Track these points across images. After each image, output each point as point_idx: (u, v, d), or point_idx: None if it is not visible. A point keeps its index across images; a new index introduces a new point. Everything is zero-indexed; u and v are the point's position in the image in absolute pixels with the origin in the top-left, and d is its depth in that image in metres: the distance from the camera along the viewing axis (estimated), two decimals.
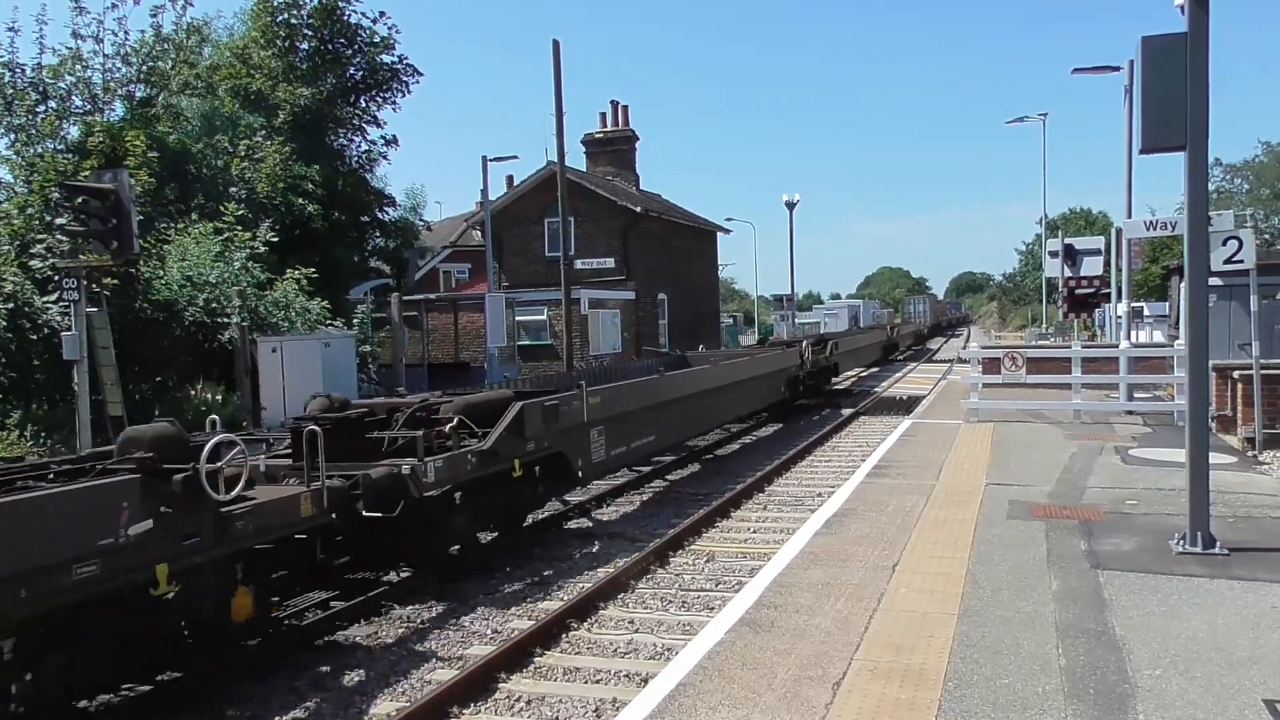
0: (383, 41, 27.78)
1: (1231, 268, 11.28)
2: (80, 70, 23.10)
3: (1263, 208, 55.81)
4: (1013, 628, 5.98)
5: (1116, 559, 7.46)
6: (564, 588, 9.06)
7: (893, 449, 13.62)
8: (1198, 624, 5.97)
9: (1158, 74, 7.34)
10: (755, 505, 12.61)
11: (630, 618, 8.15)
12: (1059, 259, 18.43)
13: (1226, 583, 6.77)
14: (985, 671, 5.32)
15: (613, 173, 38.12)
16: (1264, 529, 8.35)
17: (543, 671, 7.03)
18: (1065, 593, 6.65)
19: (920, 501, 9.84)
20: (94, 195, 14.71)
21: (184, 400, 16.99)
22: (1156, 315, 31.28)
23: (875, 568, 7.45)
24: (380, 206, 28.98)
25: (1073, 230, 51.14)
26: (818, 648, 5.78)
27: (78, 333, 14.62)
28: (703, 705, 5.04)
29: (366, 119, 28.58)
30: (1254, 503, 9.39)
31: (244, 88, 26.11)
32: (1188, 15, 7.26)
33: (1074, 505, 9.46)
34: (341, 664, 7.25)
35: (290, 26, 26.79)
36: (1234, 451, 12.96)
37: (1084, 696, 4.96)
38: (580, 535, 11.15)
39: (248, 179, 24.07)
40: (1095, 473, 11.23)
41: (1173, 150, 7.52)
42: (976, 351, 18.44)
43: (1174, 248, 32.49)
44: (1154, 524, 8.50)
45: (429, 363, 28.34)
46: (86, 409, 14.86)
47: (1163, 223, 15.94)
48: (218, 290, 18.75)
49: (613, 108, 38.79)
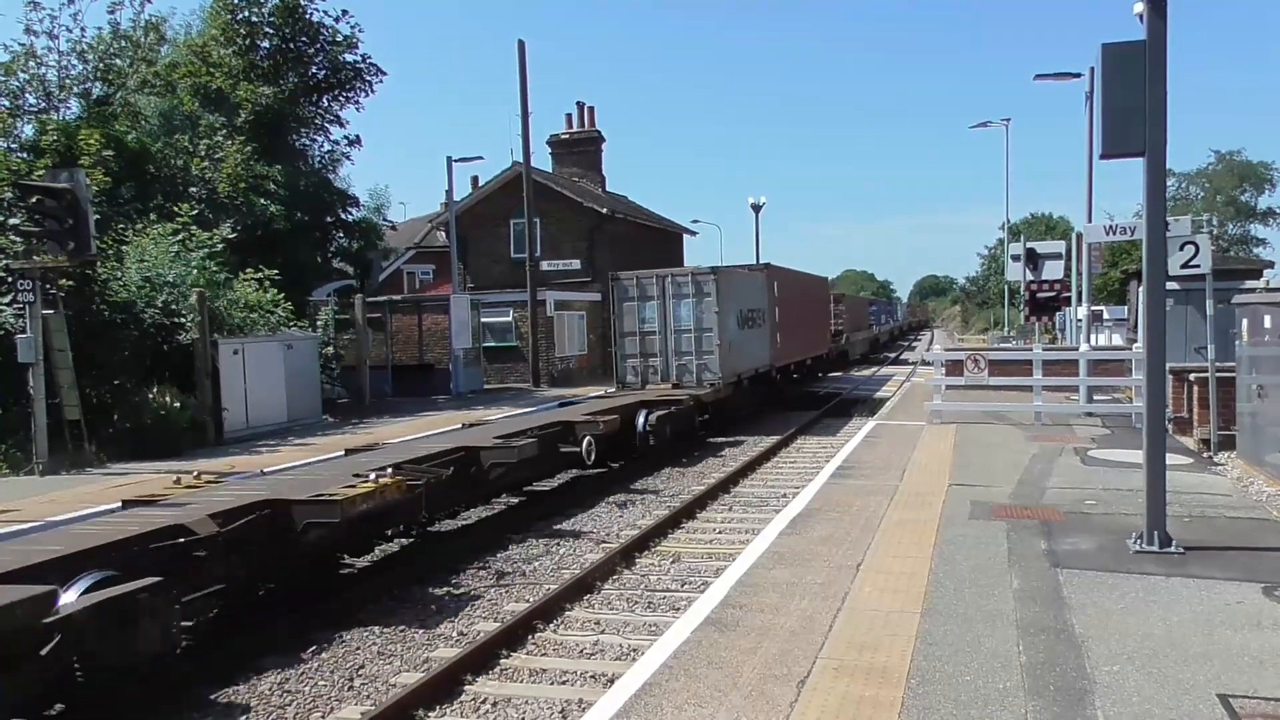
0: (345, 40, 27.48)
1: (1188, 272, 11.49)
2: (34, 67, 22.63)
3: (1218, 214, 57.02)
4: (974, 626, 6.05)
5: (1075, 558, 7.57)
6: (530, 589, 9.03)
7: (857, 450, 13.73)
8: (1154, 621, 6.07)
9: (1117, 81, 7.47)
10: (721, 506, 12.66)
11: (596, 619, 8.15)
12: (1021, 263, 18.71)
13: (1182, 581, 6.90)
14: (947, 669, 5.38)
15: (578, 174, 38.05)
16: (1218, 528, 8.52)
17: (509, 673, 7.00)
18: (1026, 591, 6.74)
19: (884, 502, 9.92)
20: (49, 195, 14.45)
21: (142, 403, 16.70)
22: (1116, 319, 31.76)
23: (840, 567, 7.50)
24: (344, 207, 28.67)
25: (1034, 235, 51.96)
26: (783, 646, 5.81)
27: (33, 335, 14.35)
28: (669, 705, 5.04)
29: (329, 119, 28.25)
30: (1209, 503, 9.58)
31: (204, 86, 25.71)
32: (1146, 24, 7.39)
33: (1034, 506, 9.59)
34: (306, 667, 7.17)
35: (251, 24, 26.43)
36: (1190, 453, 13.21)
37: (1044, 693, 5.02)
38: (547, 536, 11.12)
39: (208, 179, 23.72)
40: (1055, 474, 11.39)
41: (1132, 156, 7.64)
42: (940, 354, 18.65)
43: (1133, 252, 33.04)
44: (1112, 524, 8.64)
45: (393, 365, 28.11)
46: (43, 413, 14.58)
47: (1122, 228, 16.21)
48: (176, 291, 18.46)
49: (579, 109, 38.73)
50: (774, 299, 22.62)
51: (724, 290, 19.32)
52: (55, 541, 7.10)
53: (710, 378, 19.10)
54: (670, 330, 19.31)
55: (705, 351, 19.11)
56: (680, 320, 19.20)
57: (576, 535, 11.24)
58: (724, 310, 19.19)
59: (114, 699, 6.26)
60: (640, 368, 19.49)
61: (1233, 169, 57.85)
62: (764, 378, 22.39)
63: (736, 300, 20.11)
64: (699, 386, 18.77)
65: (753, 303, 21.33)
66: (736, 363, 20.00)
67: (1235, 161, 57.95)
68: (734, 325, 19.87)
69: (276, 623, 7.94)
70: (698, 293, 19.11)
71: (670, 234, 44.24)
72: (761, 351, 22.05)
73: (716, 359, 19.09)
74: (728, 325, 19.38)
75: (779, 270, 24.61)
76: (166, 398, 16.82)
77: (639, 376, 19.47)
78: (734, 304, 19.89)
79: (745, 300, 20.77)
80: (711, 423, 19.04)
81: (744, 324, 20.68)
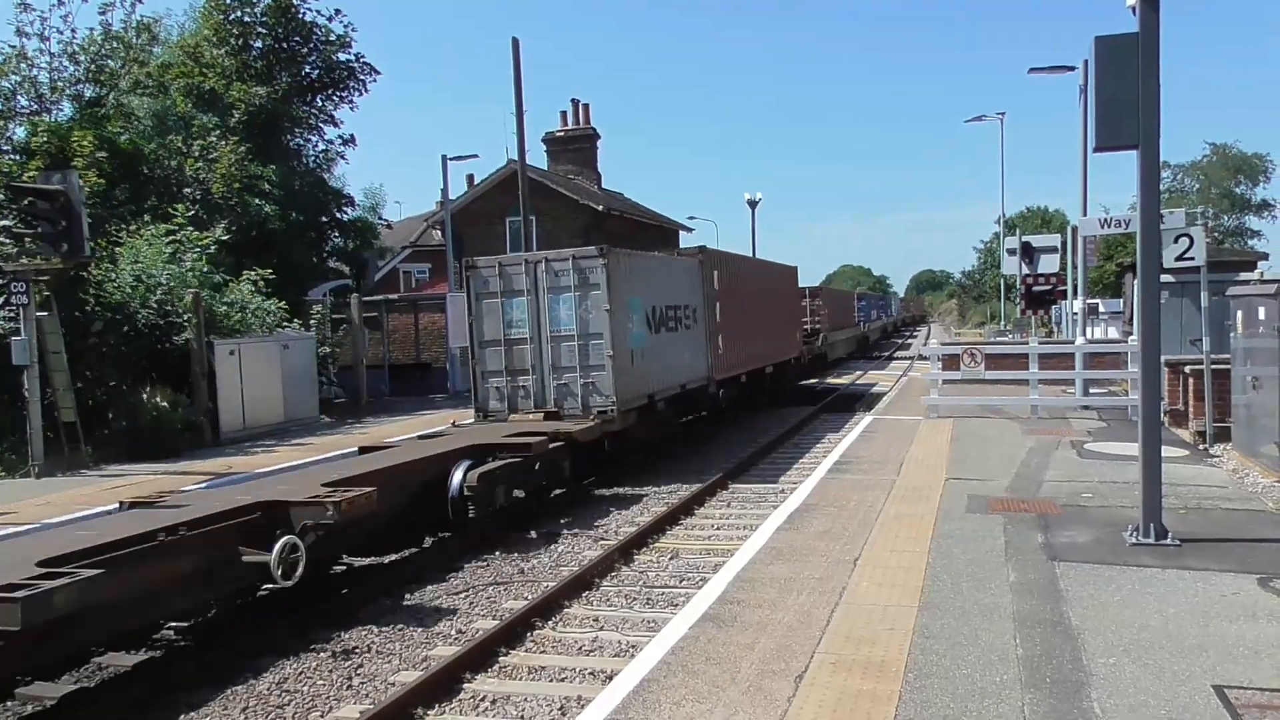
0: (339, 39, 27.46)
1: (1183, 264, 11.50)
2: (26, 69, 22.58)
3: (1212, 206, 57.08)
4: (971, 619, 6.06)
5: (1072, 551, 7.59)
6: (529, 586, 9.03)
7: (854, 445, 13.75)
8: (1150, 613, 6.09)
9: (1111, 73, 7.48)
10: (719, 502, 12.66)
11: (595, 615, 8.14)
12: (1017, 256, 18.74)
13: (1178, 573, 6.92)
14: (944, 662, 5.39)
15: (574, 171, 38.03)
16: (1214, 520, 8.54)
17: (508, 671, 7.00)
18: (1022, 584, 6.76)
19: (881, 496, 9.94)
20: (42, 197, 14.42)
21: (138, 405, 16.68)
22: (1111, 312, 31.82)
23: (837, 562, 7.52)
24: (338, 206, 28.66)
25: (1030, 229, 51.90)
26: (780, 641, 5.82)
27: (27, 337, 14.32)
28: (667, 700, 5.05)
29: (323, 118, 28.25)
30: (1205, 494, 9.60)
31: (197, 87, 25.67)
32: (1139, 16, 7.40)
33: (1031, 499, 9.61)
34: (304, 665, 7.17)
35: (243, 24, 26.39)
36: (1186, 445, 13.23)
37: (1040, 685, 5.03)
38: (545, 534, 11.11)
39: (202, 179, 23.69)
40: (1052, 467, 11.41)
41: (1126, 149, 7.66)
42: (936, 349, 18.68)
43: (1128, 245, 33.11)
44: (1108, 516, 8.65)
45: (389, 364, 28.10)
46: (38, 414, 14.56)
47: (1117, 220, 16.21)
48: (170, 292, 18.43)
49: (574, 106, 38.71)
50: (713, 293, 17.92)
51: (620, 279, 14.06)
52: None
53: (600, 403, 13.85)
54: (545, 337, 14.04)
55: (592, 366, 13.85)
56: (558, 322, 14.00)
57: (575, 533, 11.21)
58: (620, 307, 13.95)
59: (114, 697, 6.25)
60: (507, 389, 14.31)
61: (1227, 161, 57.88)
62: (695, 396, 17.26)
63: (645, 293, 15.01)
64: (585, 415, 13.73)
65: (675, 297, 16.33)
66: (645, 379, 14.81)
67: (1230, 154, 57.99)
68: (639, 328, 14.68)
69: (275, 622, 7.93)
70: (581, 283, 13.85)
71: (667, 230, 44.23)
72: (693, 361, 16.91)
73: (608, 376, 13.76)
74: (626, 328, 14.16)
75: (721, 256, 19.73)
76: (161, 399, 16.81)
77: (505, 401, 14.34)
78: (640, 298, 14.77)
79: (661, 294, 15.70)
80: (604, 463, 14.07)
81: (660, 325, 15.52)
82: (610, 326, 13.73)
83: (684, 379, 16.43)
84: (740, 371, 19.70)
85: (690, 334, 16.88)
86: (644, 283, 15.14)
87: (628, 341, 14.24)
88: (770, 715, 4.82)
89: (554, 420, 13.53)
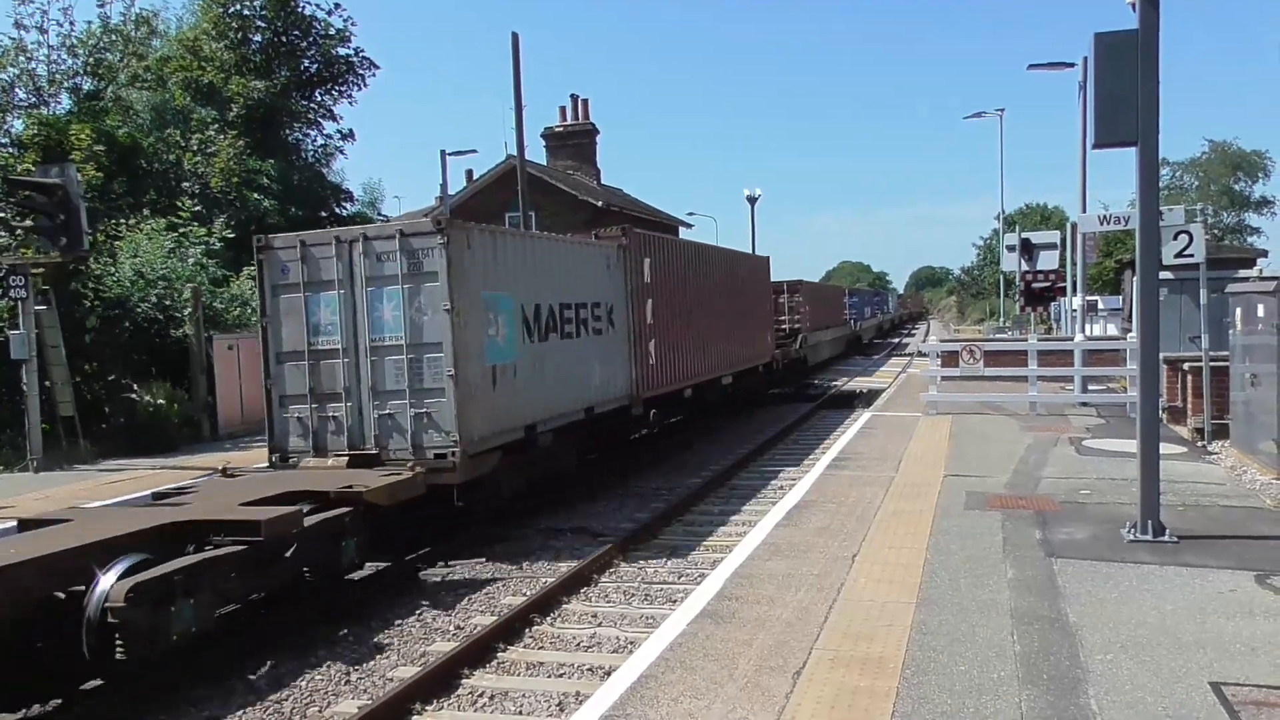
0: (338, 34, 27.46)
1: (1182, 261, 11.49)
2: (24, 62, 22.56)
3: (1212, 204, 57.05)
4: (969, 616, 6.07)
5: (1070, 547, 7.60)
6: (527, 582, 9.04)
7: (853, 441, 13.75)
8: (1147, 610, 6.09)
9: (1110, 70, 7.47)
10: (717, 499, 12.66)
11: (593, 611, 8.16)
12: (1016, 253, 18.71)
13: (1175, 569, 6.92)
14: (942, 659, 5.39)
15: (573, 167, 37.99)
16: (1212, 517, 8.55)
17: (506, 667, 7.01)
18: (1020, 581, 6.76)
19: (880, 493, 9.94)
20: (40, 190, 14.40)
21: (136, 400, 16.67)
22: (1110, 309, 31.86)
23: (835, 558, 7.52)
24: (338, 201, 28.67)
25: (1029, 225, 51.92)
26: (778, 638, 5.82)
27: (26, 331, 14.31)
28: (665, 696, 5.05)
29: (322, 113, 28.28)
30: (1203, 491, 9.61)
31: (195, 80, 25.67)
32: (1139, 12, 7.39)
33: (1029, 496, 9.62)
34: (302, 662, 7.17)
35: (242, 18, 26.37)
36: (1184, 442, 13.24)
37: (1038, 682, 5.04)
38: (543, 531, 11.12)
39: (201, 173, 23.67)
40: (1050, 463, 11.42)
41: (1125, 145, 7.66)
42: (935, 345, 18.68)
43: (1127, 242, 33.09)
44: (1106, 513, 8.66)
45: None
46: (36, 409, 14.55)
47: (1116, 217, 16.20)
48: (170, 286, 18.42)
49: (573, 101, 38.62)
50: (643, 287, 14.21)
51: (470, 266, 10.04)
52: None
53: (437, 442, 9.87)
54: (364, 348, 10.13)
55: (427, 390, 9.91)
56: (381, 327, 10.07)
57: (574, 530, 11.21)
58: (470, 306, 9.97)
59: (112, 697, 6.25)
60: (312, 421, 10.35)
61: (1226, 158, 57.83)
62: (609, 421, 13.31)
63: (522, 286, 11.01)
64: (417, 458, 9.76)
65: (577, 292, 12.34)
66: (519, 404, 10.77)
67: (1229, 151, 57.93)
68: (509, 334, 10.70)
69: (272, 618, 7.94)
70: (413, 272, 9.90)
71: (667, 226, 44.19)
72: (607, 376, 13.08)
73: (449, 404, 9.81)
74: (481, 335, 10.19)
75: (655, 241, 15.76)
76: (160, 394, 16.79)
77: (309, 437, 10.38)
78: (510, 293, 10.76)
79: (551, 288, 11.64)
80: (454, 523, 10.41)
81: (547, 331, 11.53)
82: (453, 333, 9.64)
83: (591, 399, 12.59)
84: (683, 385, 16.21)
85: (602, 341, 13.02)
86: (519, 272, 10.98)
87: (483, 354, 10.12)
88: (768, 711, 4.82)
89: (363, 468, 9.49)
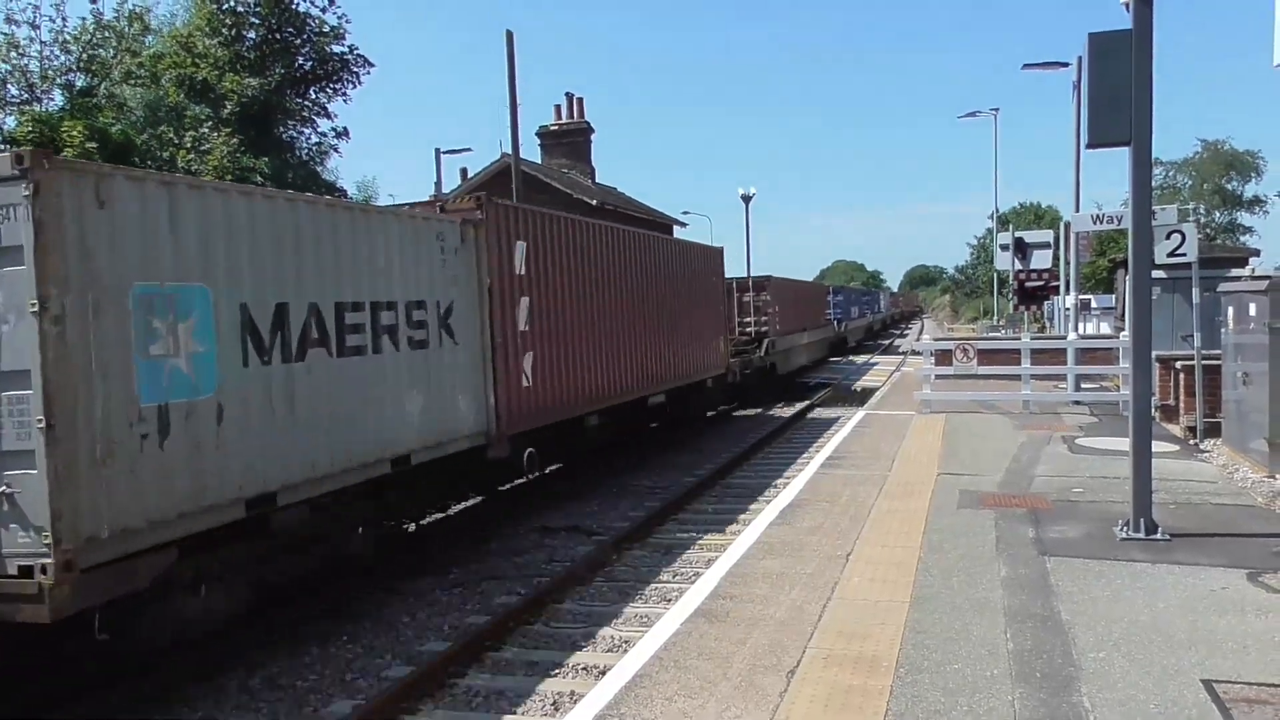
0: (332, 31, 27.34)
1: (1174, 260, 11.56)
2: (16, 58, 22.49)
3: (1204, 203, 57.19)
4: (963, 614, 6.08)
5: (1063, 546, 7.62)
6: (521, 581, 9.04)
7: (846, 440, 13.76)
8: (1140, 608, 6.12)
9: (1104, 69, 7.50)
10: (711, 498, 12.67)
11: (588, 611, 8.16)
12: (1010, 252, 18.79)
13: (1167, 567, 6.95)
14: (936, 657, 5.41)
15: (568, 165, 37.95)
16: (1204, 515, 8.58)
17: (500, 666, 7.01)
18: (1013, 579, 6.78)
19: (873, 492, 9.96)
20: None
21: None
22: (1103, 307, 31.91)
23: (829, 557, 7.53)
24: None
25: (1023, 224, 52.03)
26: (772, 637, 5.83)
27: None
28: (659, 696, 5.06)
29: (316, 110, 28.16)
30: (1195, 489, 9.64)
31: (189, 77, 25.55)
32: (1133, 12, 7.41)
33: (1023, 494, 9.64)
34: (296, 662, 7.17)
35: (236, 15, 26.25)
36: (1176, 440, 13.29)
37: (1030, 680, 5.06)
38: (537, 530, 11.12)
39: (194, 171, 23.59)
40: (1043, 462, 11.45)
41: (1118, 144, 7.68)
42: (929, 344, 18.71)
43: (1120, 241, 33.15)
44: (1099, 511, 8.69)
45: None
46: None
47: (1109, 216, 16.25)
48: None
49: (568, 100, 38.59)
50: (512, 280, 10.53)
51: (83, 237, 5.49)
52: None
53: (23, 547, 5.30)
54: None
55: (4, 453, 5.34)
56: None
57: (568, 530, 11.20)
58: (100, 303, 5.59)
59: (108, 696, 6.23)
60: None
61: (1219, 158, 57.96)
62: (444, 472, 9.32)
63: (243, 274, 6.71)
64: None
65: (380, 288, 8.23)
66: (229, 465, 6.43)
67: (1222, 150, 58.06)
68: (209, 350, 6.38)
69: (267, 617, 7.93)
70: None
71: (662, 225, 44.18)
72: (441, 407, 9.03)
73: (39, 479, 5.25)
74: (125, 350, 5.75)
75: (537, 219, 11.37)
76: None
77: None
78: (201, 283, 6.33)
79: (317, 278, 7.44)
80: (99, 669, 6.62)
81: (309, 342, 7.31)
82: (46, 352, 5.31)
83: (404, 444, 8.46)
84: (583, 411, 12.53)
85: (429, 356, 8.92)
86: (239, 253, 6.70)
87: (133, 386, 5.80)
88: (762, 710, 4.83)
89: None
